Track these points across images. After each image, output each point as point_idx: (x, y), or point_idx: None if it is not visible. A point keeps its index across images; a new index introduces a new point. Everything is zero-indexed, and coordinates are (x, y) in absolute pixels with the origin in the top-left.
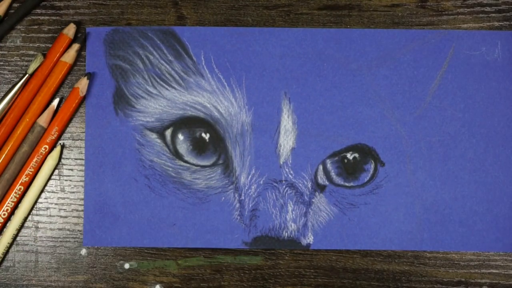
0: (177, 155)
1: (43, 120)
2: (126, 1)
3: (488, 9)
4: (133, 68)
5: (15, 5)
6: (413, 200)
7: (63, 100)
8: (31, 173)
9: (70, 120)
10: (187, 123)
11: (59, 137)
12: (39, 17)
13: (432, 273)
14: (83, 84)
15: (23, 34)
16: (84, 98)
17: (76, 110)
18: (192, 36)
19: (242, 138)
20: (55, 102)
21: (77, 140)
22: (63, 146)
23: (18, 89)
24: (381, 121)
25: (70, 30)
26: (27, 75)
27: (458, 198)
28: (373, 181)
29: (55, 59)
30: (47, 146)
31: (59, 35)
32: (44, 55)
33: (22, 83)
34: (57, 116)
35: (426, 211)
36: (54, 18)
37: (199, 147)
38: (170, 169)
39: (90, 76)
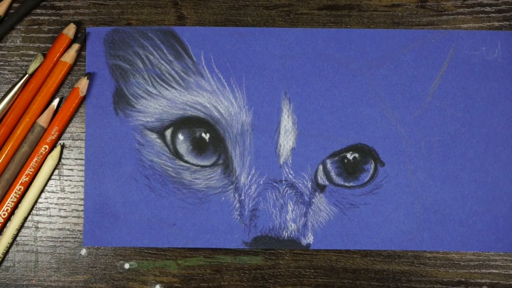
0: (177, 155)
1: (43, 120)
2: (126, 1)
3: (488, 9)
4: (133, 68)
5: (15, 5)
6: (413, 200)
7: (63, 100)
8: (31, 173)
9: (70, 120)
10: (187, 123)
11: (59, 137)
12: (39, 17)
13: (432, 273)
14: (83, 84)
15: (23, 34)
16: (84, 98)
17: (76, 110)
18: (192, 36)
19: (242, 138)
20: (55, 102)
21: (77, 140)
22: (63, 146)
23: (18, 89)
24: (381, 121)
25: (70, 30)
26: (27, 75)
27: (458, 198)
28: (373, 181)
29: (55, 59)
30: (47, 146)
31: (59, 35)
32: (44, 55)
33: (22, 83)
34: (57, 116)
35: (426, 211)
36: (54, 18)
37: (199, 147)
38: (170, 169)
39: (90, 76)
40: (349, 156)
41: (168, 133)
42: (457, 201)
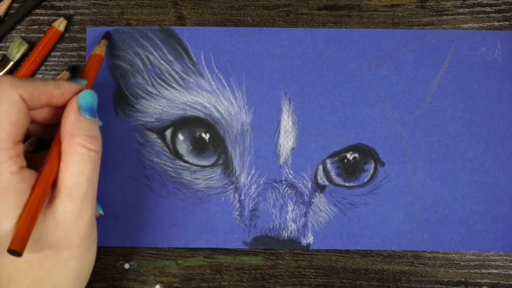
0: (177, 155)
1: None
2: (126, 1)
3: (488, 9)
4: (133, 68)
5: (15, 5)
6: (413, 200)
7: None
8: None
9: None
10: (187, 123)
11: None
12: (39, 17)
13: (432, 273)
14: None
15: (23, 34)
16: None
17: None
18: (192, 36)
19: (242, 138)
20: None
21: None
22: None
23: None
24: (381, 121)
25: (61, 24)
26: (11, 62)
27: (458, 198)
28: (373, 181)
29: (42, 50)
30: None
31: (50, 28)
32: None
33: (6, 71)
34: None
35: (426, 211)
36: (54, 18)
37: (199, 147)
38: (170, 169)
39: (72, 69)
40: (349, 156)
41: (168, 133)
42: (457, 201)
